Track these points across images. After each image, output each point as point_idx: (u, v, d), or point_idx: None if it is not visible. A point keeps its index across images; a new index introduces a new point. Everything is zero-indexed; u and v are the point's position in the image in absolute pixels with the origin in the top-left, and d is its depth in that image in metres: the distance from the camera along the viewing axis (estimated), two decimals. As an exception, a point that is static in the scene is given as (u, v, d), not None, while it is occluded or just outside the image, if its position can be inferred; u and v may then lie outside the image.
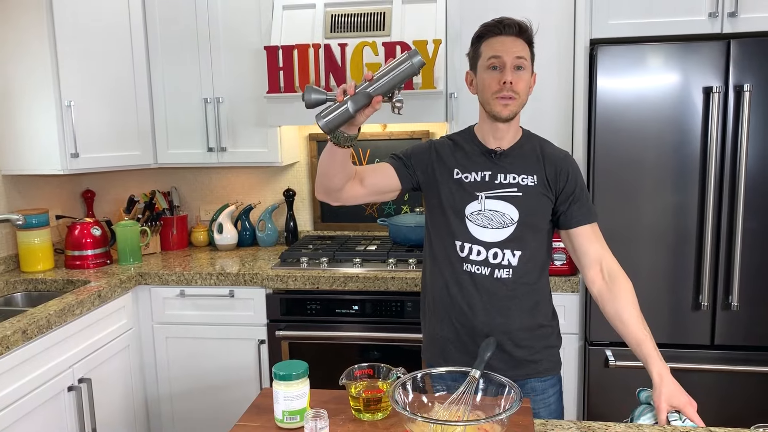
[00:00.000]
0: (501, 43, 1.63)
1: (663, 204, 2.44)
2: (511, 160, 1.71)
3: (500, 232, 1.66)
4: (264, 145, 2.97)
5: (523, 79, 1.64)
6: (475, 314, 1.68)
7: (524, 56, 1.65)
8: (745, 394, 2.47)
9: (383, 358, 2.64)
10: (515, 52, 1.62)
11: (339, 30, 2.76)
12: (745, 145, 2.33)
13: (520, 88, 1.64)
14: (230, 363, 2.80)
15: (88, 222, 2.92)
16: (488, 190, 1.68)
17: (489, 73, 1.64)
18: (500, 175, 1.69)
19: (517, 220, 1.66)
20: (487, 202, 1.68)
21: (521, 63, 1.63)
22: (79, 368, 2.38)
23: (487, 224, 1.67)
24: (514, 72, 1.63)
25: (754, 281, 2.42)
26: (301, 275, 2.66)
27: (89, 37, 2.78)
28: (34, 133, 2.75)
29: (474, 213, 1.68)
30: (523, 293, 1.69)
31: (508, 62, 1.62)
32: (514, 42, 1.64)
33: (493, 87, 1.63)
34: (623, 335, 1.63)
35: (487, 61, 1.64)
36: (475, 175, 1.70)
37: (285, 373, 1.34)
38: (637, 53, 2.38)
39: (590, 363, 2.55)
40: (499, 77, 1.63)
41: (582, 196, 1.70)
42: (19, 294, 2.72)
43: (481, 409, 1.32)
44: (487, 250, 1.67)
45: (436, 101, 2.68)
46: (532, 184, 1.68)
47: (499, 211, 1.67)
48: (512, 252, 1.67)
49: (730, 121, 2.35)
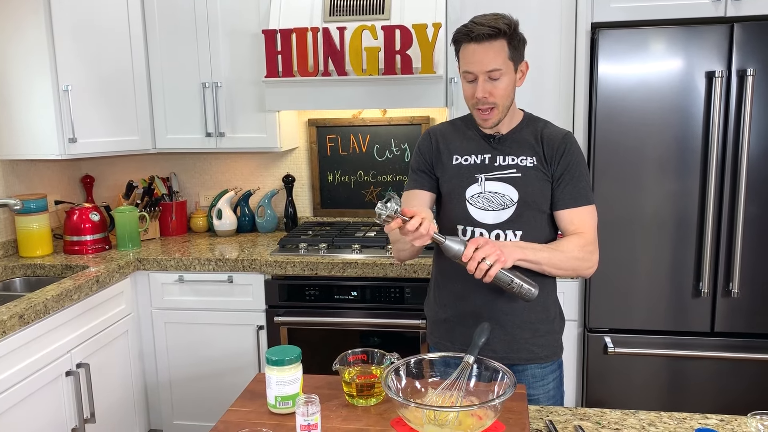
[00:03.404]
0: (472, 54, 1.59)
1: (664, 190, 2.42)
2: (510, 143, 1.70)
3: (501, 214, 1.66)
4: (263, 130, 2.95)
5: (499, 87, 1.61)
6: (476, 297, 1.68)
7: (498, 66, 1.59)
8: (744, 381, 2.46)
9: (382, 344, 2.64)
10: (486, 64, 1.58)
11: (338, 13, 2.73)
12: (747, 130, 2.30)
13: (496, 97, 1.61)
14: (229, 349, 2.80)
15: (86, 207, 2.91)
16: (488, 172, 1.68)
17: (466, 84, 1.64)
18: (499, 157, 1.68)
19: (516, 200, 1.65)
20: (487, 184, 1.67)
21: (495, 75, 1.59)
22: (77, 353, 2.38)
23: (487, 206, 1.66)
24: (488, 83, 1.60)
25: (754, 268, 2.40)
26: (300, 261, 2.65)
27: (87, 21, 2.76)
28: (32, 117, 2.74)
29: (474, 196, 1.68)
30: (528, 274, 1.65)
31: (480, 77, 1.59)
32: (486, 51, 1.58)
33: (471, 99, 1.64)
34: None
35: (463, 74, 1.64)
36: (474, 158, 1.70)
37: (277, 358, 1.33)
38: (638, 37, 2.35)
39: (589, 350, 2.54)
40: (473, 90, 1.62)
41: (571, 177, 1.65)
42: (18, 279, 2.72)
43: (475, 395, 1.31)
44: (489, 232, 1.66)
45: (436, 86, 2.65)
46: (531, 165, 1.66)
47: (499, 193, 1.66)
48: (513, 233, 1.66)
49: (733, 106, 2.32)
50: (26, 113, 2.74)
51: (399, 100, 2.69)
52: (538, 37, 2.58)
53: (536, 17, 2.59)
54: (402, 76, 2.62)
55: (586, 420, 1.36)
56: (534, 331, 1.70)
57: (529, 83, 2.61)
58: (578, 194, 1.65)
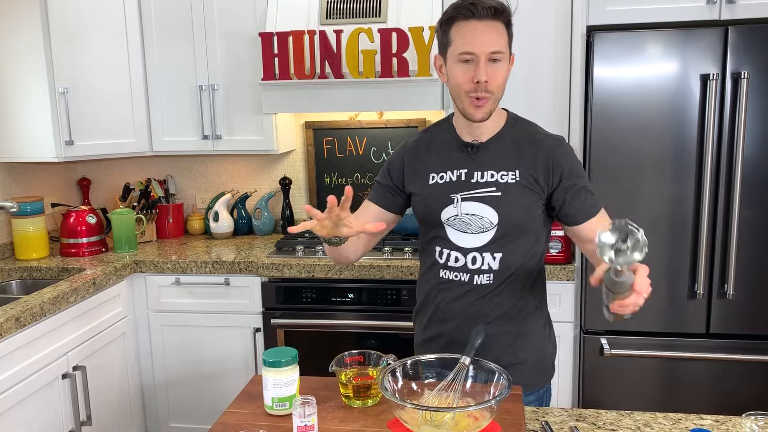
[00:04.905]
0: (473, 32, 1.43)
1: (659, 192, 2.42)
2: (490, 154, 1.54)
3: (479, 237, 1.52)
4: (259, 132, 2.95)
5: (499, 73, 1.46)
6: (454, 322, 1.58)
7: (501, 48, 1.44)
8: (739, 382, 2.47)
9: (379, 346, 2.64)
10: (491, 44, 1.43)
11: (334, 16, 2.74)
12: (742, 132, 2.31)
13: (496, 85, 1.46)
14: (225, 351, 2.80)
15: (83, 210, 2.91)
16: (464, 191, 1.53)
17: (460, 67, 1.46)
18: (476, 173, 1.54)
19: (496, 223, 1.51)
20: (463, 205, 1.53)
21: (498, 56, 1.44)
22: (74, 356, 2.38)
23: (465, 229, 1.53)
24: (490, 66, 1.44)
25: (749, 270, 2.41)
26: (296, 263, 2.66)
27: (83, 23, 2.76)
28: (29, 120, 2.74)
29: (451, 218, 1.54)
30: (507, 299, 1.56)
31: (482, 58, 1.43)
32: (489, 29, 1.43)
33: (466, 85, 1.46)
34: None
35: (459, 55, 1.45)
36: (450, 174, 1.56)
37: (274, 359, 1.33)
38: (634, 40, 2.36)
39: (585, 351, 2.55)
40: (471, 74, 1.44)
41: (579, 189, 1.51)
42: (14, 282, 2.71)
43: (471, 396, 1.31)
44: (465, 256, 1.54)
45: (432, 88, 2.66)
46: (512, 181, 1.51)
47: (477, 215, 1.52)
48: (492, 255, 1.53)
49: (728, 108, 2.33)
50: (23, 115, 2.74)
51: (395, 102, 2.70)
52: (533, 40, 2.59)
53: (532, 20, 2.59)
54: (398, 78, 2.63)
55: (581, 421, 1.37)
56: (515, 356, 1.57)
57: (525, 86, 2.63)
58: (593, 202, 1.52)
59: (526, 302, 1.58)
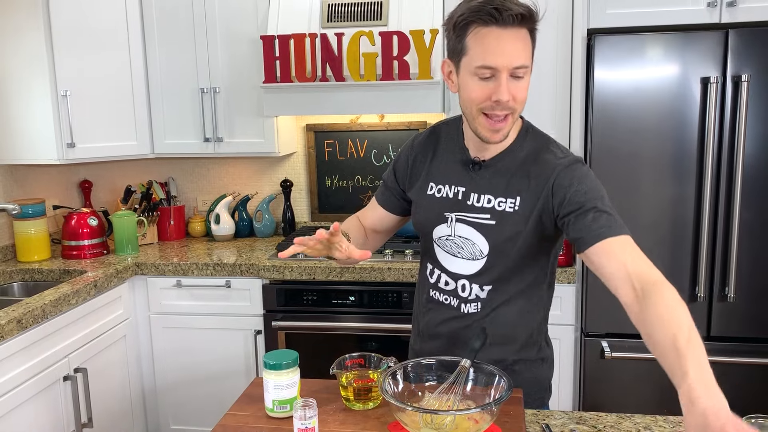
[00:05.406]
0: (497, 42, 1.23)
1: (660, 195, 2.43)
2: (491, 176, 1.39)
3: (470, 265, 1.41)
4: (261, 135, 2.96)
5: (522, 89, 1.28)
6: (441, 342, 1.51)
7: (525, 62, 1.25)
8: (740, 385, 2.47)
9: (380, 348, 2.64)
10: (515, 57, 1.24)
11: (336, 19, 2.75)
12: (742, 136, 2.31)
13: (519, 100, 1.28)
14: (226, 353, 2.80)
15: (84, 212, 2.92)
16: (459, 211, 1.41)
17: (477, 82, 1.27)
18: (474, 194, 1.40)
19: (486, 253, 1.39)
20: (457, 226, 1.41)
21: (520, 72, 1.26)
22: (75, 358, 2.39)
23: (456, 252, 1.43)
24: (512, 82, 1.26)
25: (750, 272, 2.41)
26: (297, 266, 2.66)
27: (85, 25, 2.77)
28: (30, 122, 2.75)
29: (443, 238, 1.44)
30: (497, 328, 1.45)
31: (504, 73, 1.24)
32: (514, 39, 1.23)
33: (482, 102, 1.28)
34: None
35: (476, 68, 1.26)
36: (448, 189, 1.43)
37: (275, 362, 1.34)
38: (634, 43, 2.36)
39: (586, 354, 2.55)
40: (490, 91, 1.26)
41: (586, 210, 1.28)
42: (16, 284, 2.72)
43: (472, 399, 1.31)
44: (455, 281, 1.45)
45: (433, 91, 2.66)
46: (510, 209, 1.36)
47: (470, 240, 1.40)
48: (480, 287, 1.42)
49: (728, 111, 2.34)
50: (25, 118, 2.75)
51: (396, 105, 2.70)
52: (534, 43, 2.59)
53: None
54: (399, 81, 2.63)
55: (582, 424, 1.37)
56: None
57: (526, 89, 2.63)
58: (603, 223, 1.26)
59: (516, 334, 1.47)
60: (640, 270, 1.19)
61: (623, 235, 1.26)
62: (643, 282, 1.16)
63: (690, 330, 1.06)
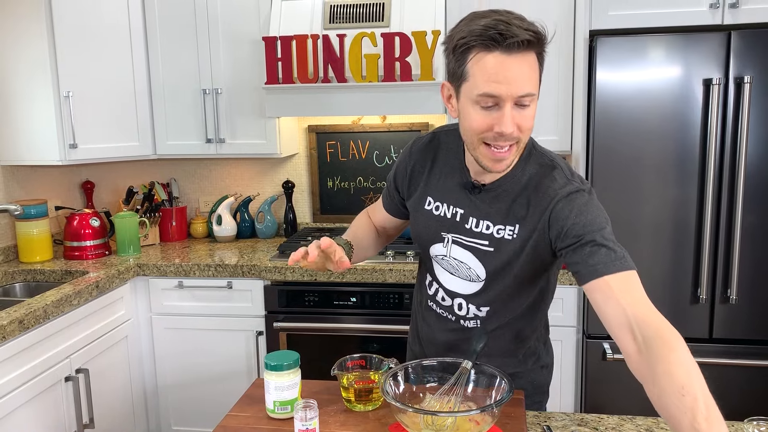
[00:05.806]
0: (501, 69, 1.12)
1: (662, 197, 2.42)
2: (491, 201, 1.33)
3: (467, 285, 1.39)
4: (263, 136, 2.96)
5: (527, 118, 1.18)
6: (438, 349, 1.51)
7: (532, 90, 1.15)
8: (742, 387, 2.46)
9: (381, 350, 2.64)
10: (520, 85, 1.13)
11: (338, 21, 2.75)
12: (745, 137, 2.31)
13: (525, 128, 1.18)
14: (228, 354, 2.80)
15: (87, 213, 2.92)
16: (456, 233, 1.37)
17: (478, 111, 1.17)
18: (472, 218, 1.35)
19: (484, 278, 1.36)
20: (453, 248, 1.37)
21: (526, 101, 1.16)
22: (77, 359, 2.39)
23: (453, 271, 1.40)
24: (516, 111, 1.16)
25: (753, 274, 2.41)
26: (299, 267, 2.66)
27: (88, 27, 2.78)
28: (33, 123, 2.75)
29: (438, 257, 1.41)
30: (496, 340, 1.45)
31: (508, 102, 1.15)
32: (519, 65, 1.13)
33: (484, 133, 1.19)
34: None
35: (478, 97, 1.16)
36: (446, 209, 1.38)
37: (276, 363, 1.34)
38: (637, 44, 2.36)
39: (588, 356, 2.55)
40: (493, 121, 1.16)
41: (584, 243, 1.20)
42: (18, 284, 2.72)
43: (473, 400, 1.31)
44: (452, 299, 1.44)
45: (435, 93, 2.66)
46: (509, 237, 1.31)
47: (465, 263, 1.36)
48: (478, 308, 1.41)
49: (730, 113, 2.33)
50: (27, 119, 2.76)
51: (398, 106, 2.70)
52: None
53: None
54: (401, 82, 2.63)
55: (583, 425, 1.37)
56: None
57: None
58: (602, 259, 1.18)
59: (516, 350, 1.48)
60: (641, 315, 1.11)
61: (624, 271, 1.17)
62: (644, 330, 1.09)
63: (707, 404, 1.03)
